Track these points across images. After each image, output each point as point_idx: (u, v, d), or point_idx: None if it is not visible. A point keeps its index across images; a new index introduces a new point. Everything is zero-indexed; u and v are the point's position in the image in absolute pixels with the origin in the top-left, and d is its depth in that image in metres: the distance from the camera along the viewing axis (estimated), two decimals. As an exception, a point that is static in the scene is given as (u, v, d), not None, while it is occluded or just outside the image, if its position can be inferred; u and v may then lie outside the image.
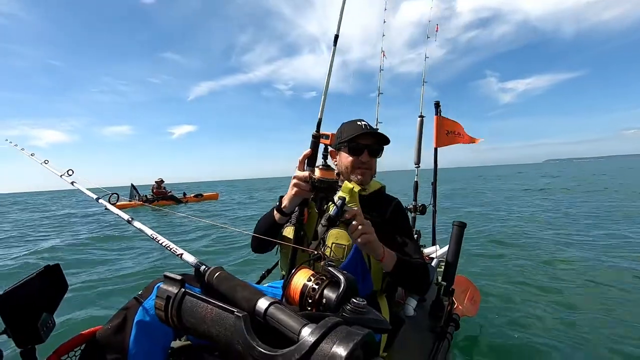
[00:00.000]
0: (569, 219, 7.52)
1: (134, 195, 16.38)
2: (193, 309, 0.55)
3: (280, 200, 1.27)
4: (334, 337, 0.42)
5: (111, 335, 1.09)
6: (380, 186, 1.47)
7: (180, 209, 15.45)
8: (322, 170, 1.08)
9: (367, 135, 1.38)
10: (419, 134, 2.82)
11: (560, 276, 3.86)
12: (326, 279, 0.74)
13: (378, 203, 1.40)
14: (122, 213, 1.24)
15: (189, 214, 12.73)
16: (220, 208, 14.59)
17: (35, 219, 13.64)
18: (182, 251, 0.84)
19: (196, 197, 18.35)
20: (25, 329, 0.88)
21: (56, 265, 1.00)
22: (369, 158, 1.39)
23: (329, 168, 1.11)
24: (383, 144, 1.44)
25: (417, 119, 2.82)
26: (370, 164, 1.41)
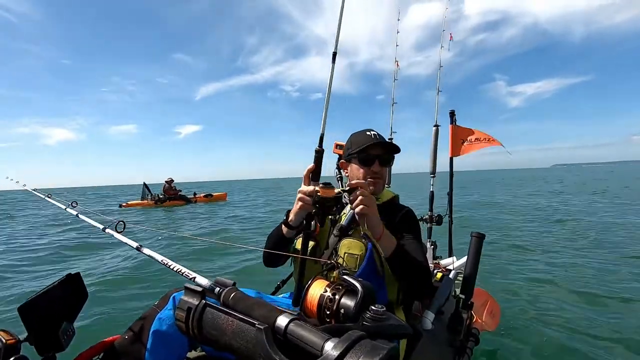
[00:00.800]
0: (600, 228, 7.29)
1: (146, 194, 16.73)
2: (214, 320, 0.55)
3: (287, 215, 1.27)
4: (359, 351, 0.41)
5: (128, 344, 1.11)
6: (393, 195, 1.46)
7: (188, 210, 15.57)
8: (323, 189, 1.08)
9: (377, 146, 1.37)
10: (434, 143, 2.79)
11: (587, 289, 3.72)
12: (342, 288, 0.73)
13: (390, 212, 1.39)
14: (130, 241, 1.24)
15: (201, 213, 12.88)
16: (230, 210, 14.60)
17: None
18: (195, 274, 0.84)
19: (206, 197, 18.60)
20: (47, 336, 0.89)
21: (77, 274, 1.01)
22: (380, 168, 1.39)
23: (329, 186, 1.11)
24: (393, 153, 1.43)
25: (432, 128, 2.80)
26: (382, 174, 1.41)
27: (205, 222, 10.83)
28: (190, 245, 6.54)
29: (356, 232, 1.29)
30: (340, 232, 1.29)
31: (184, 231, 8.69)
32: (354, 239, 1.27)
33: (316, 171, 1.16)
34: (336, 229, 1.31)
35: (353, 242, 1.26)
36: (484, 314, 2.08)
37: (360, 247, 1.25)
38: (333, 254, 1.29)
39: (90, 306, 3.46)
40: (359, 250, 1.25)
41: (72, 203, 1.65)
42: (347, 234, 1.29)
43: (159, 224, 10.27)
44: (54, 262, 5.86)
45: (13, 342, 0.77)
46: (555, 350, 2.49)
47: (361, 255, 1.24)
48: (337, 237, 1.30)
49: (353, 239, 1.27)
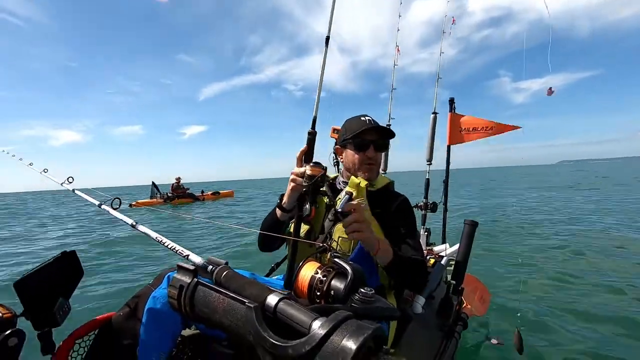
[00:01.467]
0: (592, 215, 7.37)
1: (155, 193, 17.04)
2: (205, 298, 0.56)
3: (281, 198, 1.29)
4: (344, 330, 0.43)
5: (123, 321, 1.13)
6: (389, 182, 1.46)
7: (198, 205, 16.00)
8: (312, 168, 1.10)
9: (371, 130, 1.37)
10: (431, 131, 2.79)
11: (574, 275, 3.80)
12: (333, 270, 0.74)
13: (386, 198, 1.39)
14: (126, 218, 1.24)
15: (207, 210, 12.99)
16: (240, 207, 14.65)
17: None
18: (188, 252, 0.85)
19: (213, 195, 19.00)
20: (43, 312, 0.91)
21: (72, 252, 1.02)
22: (375, 153, 1.38)
23: (319, 165, 1.13)
24: (388, 138, 1.43)
25: (430, 115, 2.78)
26: (377, 159, 1.40)
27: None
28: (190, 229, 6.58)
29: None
30: (335, 217, 1.30)
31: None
32: None
33: (308, 153, 1.18)
34: (331, 214, 1.32)
35: None
36: (474, 300, 2.12)
37: None
38: (327, 237, 1.31)
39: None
40: None
41: (67, 178, 1.64)
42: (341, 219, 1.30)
43: (167, 220, 10.28)
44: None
45: (9, 316, 0.78)
46: (543, 335, 2.55)
47: (355, 240, 1.25)
48: (332, 221, 1.31)
49: None
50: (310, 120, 1.21)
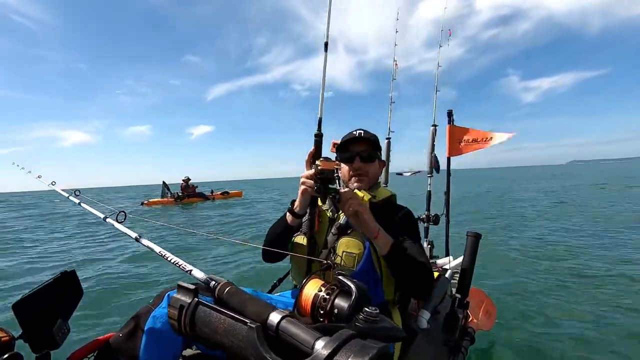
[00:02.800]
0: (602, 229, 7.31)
1: (165, 193, 17.41)
2: (206, 319, 0.55)
3: (292, 203, 1.28)
4: (349, 350, 0.42)
5: (123, 342, 1.11)
6: (391, 194, 1.45)
7: (208, 205, 16.32)
8: (323, 161, 1.10)
9: (354, 142, 1.38)
10: (431, 143, 2.79)
11: (584, 289, 3.73)
12: (337, 289, 0.73)
13: (389, 211, 1.38)
14: (130, 231, 1.25)
15: (218, 212, 13.03)
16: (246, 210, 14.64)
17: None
18: (191, 267, 0.85)
19: (223, 195, 19.39)
20: (41, 334, 0.89)
21: (72, 272, 1.01)
22: (360, 164, 1.38)
23: (329, 159, 1.12)
24: (375, 149, 1.43)
25: (430, 128, 2.80)
26: (366, 170, 1.40)
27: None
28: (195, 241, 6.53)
29: (354, 231, 1.28)
30: (339, 231, 1.29)
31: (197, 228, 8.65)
32: (352, 238, 1.27)
33: (316, 155, 1.18)
34: (334, 228, 1.31)
35: (351, 240, 1.27)
36: (480, 314, 2.08)
37: (358, 246, 1.25)
38: (331, 252, 1.29)
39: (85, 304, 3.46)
40: (357, 249, 1.25)
41: (75, 192, 1.65)
42: (346, 233, 1.29)
43: (177, 221, 10.33)
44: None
45: (7, 339, 0.76)
46: (552, 351, 2.50)
47: (359, 254, 1.24)
48: (335, 235, 1.30)
49: (351, 237, 1.27)
50: (316, 122, 1.22)
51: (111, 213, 1.38)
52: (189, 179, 17.81)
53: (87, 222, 10.56)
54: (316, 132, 1.17)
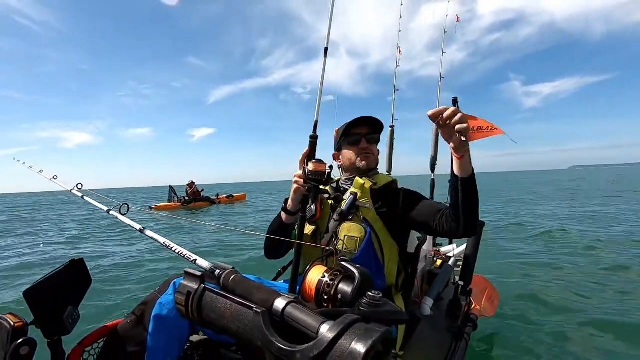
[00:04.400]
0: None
1: (172, 197, 17.69)
2: (213, 304, 0.56)
3: (285, 202, 1.31)
4: (353, 333, 0.42)
5: (130, 328, 1.13)
6: (392, 180, 1.46)
7: (215, 209, 16.64)
8: (314, 163, 1.12)
9: (359, 123, 1.40)
10: (435, 135, 2.77)
11: (587, 277, 3.74)
12: (340, 274, 0.74)
13: (389, 196, 1.39)
14: (134, 223, 1.26)
15: (221, 215, 13.13)
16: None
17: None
18: (196, 257, 0.86)
19: (228, 198, 19.92)
20: (52, 320, 0.91)
21: (80, 260, 1.03)
22: (367, 145, 1.40)
23: (321, 161, 1.14)
24: (379, 131, 1.44)
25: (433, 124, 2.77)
26: (371, 150, 1.42)
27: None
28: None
29: (356, 216, 1.31)
30: (341, 217, 1.31)
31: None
32: (353, 223, 1.29)
33: (311, 155, 1.20)
34: (336, 214, 1.33)
35: (353, 225, 1.29)
36: (483, 301, 2.10)
37: (360, 230, 1.27)
38: (333, 237, 1.31)
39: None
40: (358, 233, 1.27)
41: (77, 185, 1.66)
42: (347, 218, 1.31)
43: (186, 226, 10.45)
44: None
45: (21, 325, 0.78)
46: (553, 336, 2.52)
47: (360, 238, 1.26)
48: (337, 221, 1.32)
49: (353, 222, 1.29)
50: (312, 124, 1.24)
51: (114, 206, 1.40)
52: (193, 183, 18.10)
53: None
54: (311, 134, 1.19)
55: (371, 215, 1.31)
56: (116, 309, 3.21)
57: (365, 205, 1.32)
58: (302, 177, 1.17)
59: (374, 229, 1.29)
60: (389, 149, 2.89)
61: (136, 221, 1.27)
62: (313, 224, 1.37)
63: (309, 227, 1.37)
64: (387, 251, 1.31)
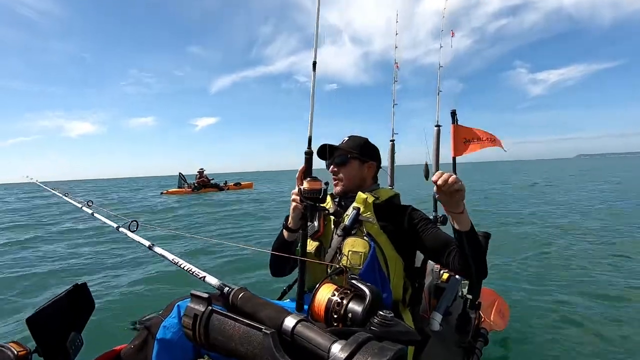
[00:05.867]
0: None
1: (182, 184, 18.81)
2: (221, 327, 0.55)
3: (286, 219, 1.32)
4: (366, 353, 0.41)
5: (134, 353, 1.11)
6: (394, 194, 1.46)
7: (223, 195, 17.52)
8: (309, 182, 1.11)
9: (323, 149, 1.46)
10: (436, 144, 2.78)
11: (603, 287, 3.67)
12: (350, 293, 0.72)
13: (393, 211, 1.39)
14: (143, 240, 1.27)
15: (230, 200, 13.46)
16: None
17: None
18: (205, 274, 0.85)
19: (235, 186, 20.82)
20: (55, 347, 0.89)
21: (83, 285, 1.02)
22: (335, 169, 1.45)
23: (316, 179, 1.14)
24: (347, 153, 1.44)
25: (434, 128, 2.79)
26: (341, 174, 1.44)
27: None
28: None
29: (359, 231, 1.30)
30: (344, 232, 1.31)
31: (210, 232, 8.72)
32: (357, 238, 1.29)
33: (307, 172, 1.20)
34: (339, 229, 1.32)
35: (357, 240, 1.28)
36: (492, 314, 2.06)
37: (364, 245, 1.26)
38: (337, 253, 1.30)
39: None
40: (362, 248, 1.26)
41: (87, 202, 1.67)
42: (350, 233, 1.31)
43: (198, 209, 11.28)
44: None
45: (24, 353, 0.77)
46: (568, 349, 2.46)
47: (365, 253, 1.25)
48: (340, 236, 1.32)
49: (357, 237, 1.29)
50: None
51: (124, 223, 1.40)
52: (203, 170, 19.09)
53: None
54: (306, 150, 1.18)
55: (375, 230, 1.30)
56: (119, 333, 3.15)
57: (368, 220, 1.31)
58: (299, 195, 1.17)
59: (378, 243, 1.28)
60: (391, 164, 2.90)
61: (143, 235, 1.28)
62: (316, 240, 1.36)
63: (313, 243, 1.36)
64: (392, 265, 1.30)
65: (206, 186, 18.85)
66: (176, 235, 7.23)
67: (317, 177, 1.16)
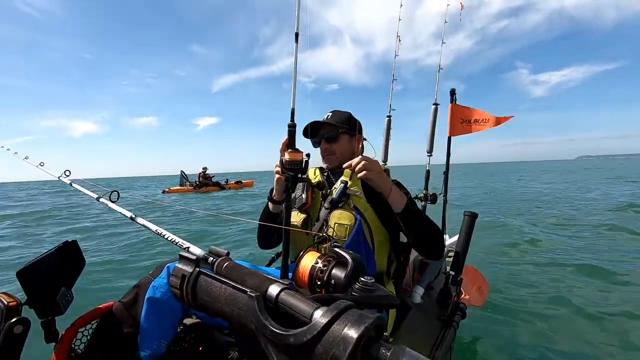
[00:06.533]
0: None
1: (184, 182, 18.97)
2: (207, 287, 0.56)
3: (271, 192, 1.35)
4: (346, 319, 0.43)
5: (124, 310, 1.14)
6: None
7: (224, 193, 17.87)
8: (290, 153, 1.10)
9: (319, 125, 1.45)
10: (432, 122, 2.77)
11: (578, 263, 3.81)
12: (333, 260, 0.75)
13: None
14: (124, 211, 1.24)
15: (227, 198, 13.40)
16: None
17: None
18: (189, 244, 0.86)
19: (237, 184, 21.01)
20: (46, 301, 0.91)
21: (73, 242, 1.03)
22: (326, 145, 1.45)
23: (297, 150, 1.13)
24: (339, 128, 1.44)
25: (432, 106, 2.77)
26: (332, 149, 1.45)
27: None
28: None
29: (346, 204, 1.32)
30: (331, 205, 1.33)
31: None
32: (344, 210, 1.31)
33: (290, 144, 1.18)
34: (327, 202, 1.34)
35: (343, 213, 1.30)
36: (472, 290, 2.14)
37: (350, 218, 1.28)
38: (324, 225, 1.33)
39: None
40: (348, 220, 1.28)
41: (65, 172, 1.63)
42: (337, 206, 1.32)
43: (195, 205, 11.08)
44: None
45: (14, 304, 0.78)
46: (541, 325, 2.58)
47: (350, 225, 1.27)
48: (327, 209, 1.33)
49: (343, 210, 1.31)
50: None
51: (104, 193, 1.38)
52: (206, 169, 19.31)
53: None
54: (289, 123, 1.17)
55: (362, 203, 1.32)
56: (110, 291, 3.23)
57: (355, 193, 1.33)
58: (281, 166, 1.16)
59: (364, 216, 1.30)
60: (385, 139, 2.89)
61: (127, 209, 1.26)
62: (304, 213, 1.38)
63: (300, 215, 1.38)
64: (377, 238, 1.33)
65: (207, 184, 19.01)
66: (162, 208, 7.24)
67: (299, 149, 1.15)
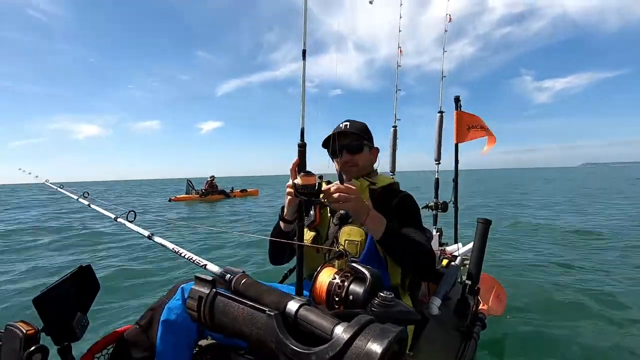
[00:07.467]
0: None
1: (190, 190, 19.16)
2: (225, 308, 0.56)
3: (282, 210, 1.30)
4: (368, 334, 0.42)
5: (139, 334, 1.13)
6: (392, 181, 1.45)
7: (228, 202, 17.94)
8: (303, 177, 1.06)
9: (340, 135, 1.38)
10: (438, 130, 2.77)
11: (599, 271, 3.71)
12: (351, 275, 0.73)
13: (388, 197, 1.38)
14: (141, 230, 1.26)
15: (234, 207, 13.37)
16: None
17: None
18: (206, 262, 0.86)
19: (241, 192, 21.36)
20: (62, 327, 0.91)
21: (88, 267, 1.03)
22: (348, 156, 1.39)
23: (310, 174, 1.09)
24: (362, 139, 1.41)
25: (437, 114, 2.77)
26: (355, 161, 1.40)
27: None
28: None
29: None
30: (340, 221, 1.31)
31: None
32: (354, 226, 1.28)
33: (301, 164, 1.15)
34: (336, 218, 1.33)
35: (353, 229, 1.27)
36: (491, 299, 2.09)
37: (360, 233, 1.26)
38: (334, 242, 1.30)
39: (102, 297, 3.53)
40: (359, 236, 1.25)
41: (83, 193, 1.66)
42: (347, 222, 1.30)
43: (203, 219, 10.89)
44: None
45: (33, 332, 0.78)
46: (563, 334, 2.50)
47: (361, 242, 1.25)
48: (337, 225, 1.32)
49: (353, 225, 1.28)
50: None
51: (122, 213, 1.39)
52: (214, 177, 19.66)
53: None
54: (299, 142, 1.13)
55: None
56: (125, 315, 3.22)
57: None
58: (293, 189, 1.12)
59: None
60: (392, 149, 2.89)
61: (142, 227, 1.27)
62: (313, 230, 1.36)
63: (310, 233, 1.36)
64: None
65: (213, 193, 19.18)
66: (176, 228, 7.29)
67: (311, 171, 1.13)
